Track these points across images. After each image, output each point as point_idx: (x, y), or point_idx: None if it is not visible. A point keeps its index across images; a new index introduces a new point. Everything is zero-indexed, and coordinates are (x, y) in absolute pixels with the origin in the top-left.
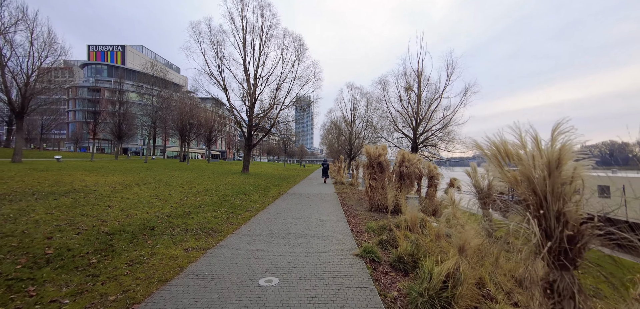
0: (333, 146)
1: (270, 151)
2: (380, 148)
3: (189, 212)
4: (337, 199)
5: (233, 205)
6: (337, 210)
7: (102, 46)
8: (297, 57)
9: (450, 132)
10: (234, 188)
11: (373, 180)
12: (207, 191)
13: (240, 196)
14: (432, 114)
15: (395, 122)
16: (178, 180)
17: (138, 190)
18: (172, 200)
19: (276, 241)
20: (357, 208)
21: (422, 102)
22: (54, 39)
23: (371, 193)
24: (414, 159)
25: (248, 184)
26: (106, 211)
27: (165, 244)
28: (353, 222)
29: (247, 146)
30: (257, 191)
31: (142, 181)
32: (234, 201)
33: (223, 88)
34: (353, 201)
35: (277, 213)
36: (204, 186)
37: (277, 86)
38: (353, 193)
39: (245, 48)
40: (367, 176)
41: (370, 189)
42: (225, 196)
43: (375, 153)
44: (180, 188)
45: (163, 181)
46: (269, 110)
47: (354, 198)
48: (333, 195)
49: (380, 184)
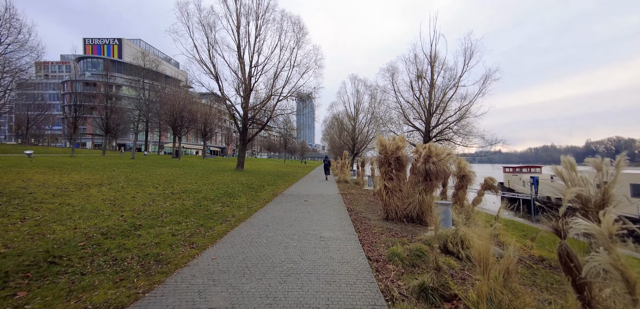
0: (335, 142)
1: (270, 147)
2: (398, 140)
3: (139, 225)
4: (342, 202)
5: (208, 214)
6: (343, 220)
7: (98, 39)
8: (297, 42)
9: (467, 124)
10: (220, 189)
11: (389, 180)
12: (184, 193)
13: (223, 200)
14: (446, 104)
15: (405, 114)
16: (156, 178)
17: (93, 192)
18: (129, 206)
19: (248, 287)
20: (368, 215)
21: (436, 91)
22: (13, 14)
23: (387, 198)
24: (443, 153)
25: (239, 183)
26: (14, 226)
27: (43, 298)
28: (367, 240)
29: (242, 141)
30: (247, 192)
31: (108, 180)
32: (212, 207)
33: (214, 76)
34: (361, 205)
35: (263, 226)
36: (184, 186)
37: (275, 75)
38: (360, 195)
39: (240, 33)
40: (382, 175)
41: (386, 192)
42: (203, 200)
43: (392, 147)
44: (152, 189)
45: (136, 180)
46: (266, 102)
47: (362, 201)
48: (337, 197)
49: (398, 185)
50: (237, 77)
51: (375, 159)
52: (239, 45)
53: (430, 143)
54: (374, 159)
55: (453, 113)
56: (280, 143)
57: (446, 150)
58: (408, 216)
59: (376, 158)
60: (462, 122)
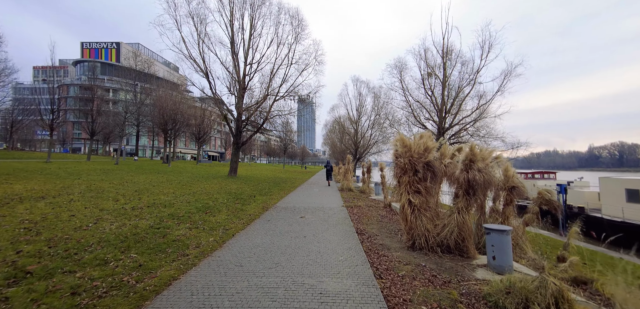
0: (336, 146)
1: (270, 152)
2: (426, 138)
3: (28, 273)
4: (348, 219)
5: (163, 243)
6: (352, 251)
7: (96, 43)
8: (295, 37)
9: (485, 125)
10: (199, 201)
11: (415, 193)
12: (149, 208)
13: (195, 218)
14: (462, 103)
15: (414, 114)
16: (126, 188)
17: (20, 209)
18: (53, 231)
19: None
20: (386, 240)
21: (450, 88)
22: None
23: (413, 218)
24: (488, 156)
25: (225, 193)
26: None
27: None
28: (396, 296)
29: (235, 144)
30: (231, 205)
31: (60, 191)
32: (173, 232)
33: (204, 72)
34: (373, 222)
35: (233, 268)
36: (156, 197)
37: (271, 72)
38: (369, 207)
39: (234, 27)
40: (404, 187)
41: (411, 210)
42: (167, 219)
43: (419, 148)
44: (109, 203)
45: (97, 191)
46: (262, 102)
47: (373, 217)
48: (340, 211)
49: (427, 201)
50: (230, 75)
51: (384, 165)
52: (232, 41)
53: (472, 143)
54: (383, 165)
55: (469, 112)
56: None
57: (492, 151)
58: (442, 243)
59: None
60: (479, 123)
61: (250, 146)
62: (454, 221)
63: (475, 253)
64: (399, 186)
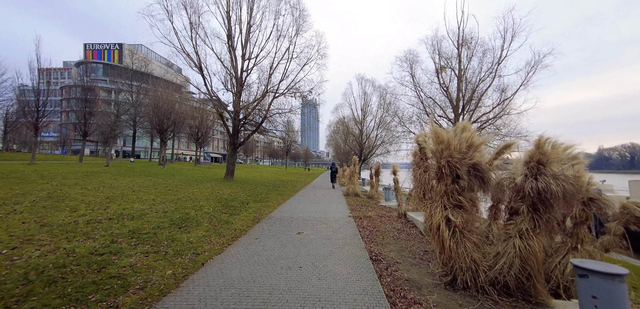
0: (340, 148)
1: (272, 154)
2: (470, 131)
3: None
4: (357, 236)
5: (87, 286)
6: (368, 296)
7: (98, 44)
8: (297, 29)
9: (507, 122)
10: (177, 213)
11: (456, 208)
12: (107, 223)
13: (158, 238)
14: (480, 98)
15: (426, 111)
16: (99, 194)
17: None
18: None
19: None
20: (411, 272)
21: (467, 82)
22: None
23: (453, 243)
24: (563, 156)
25: (213, 200)
26: None
27: None
28: None
29: (232, 144)
30: (215, 217)
31: (10, 199)
32: (117, 263)
33: (198, 67)
34: (390, 241)
35: None
36: (126, 207)
37: (270, 67)
38: (380, 217)
39: (231, 20)
40: (441, 198)
41: (450, 232)
42: (123, 239)
43: (460, 145)
44: (66, 213)
45: (59, 198)
46: (261, 99)
47: (389, 233)
48: (347, 224)
49: (471, 219)
50: (227, 71)
51: (397, 167)
52: (229, 34)
53: (542, 138)
54: (396, 167)
55: (490, 108)
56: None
57: (567, 147)
58: (497, 281)
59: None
60: (500, 120)
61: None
62: (514, 250)
63: (547, 297)
64: (422, 197)
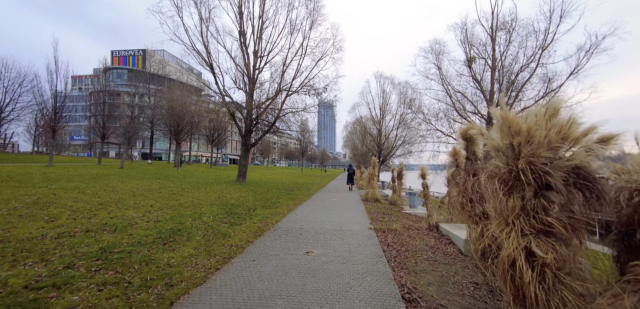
0: (357, 149)
1: (289, 155)
2: (565, 121)
3: None
4: (382, 260)
5: None
6: None
7: (124, 51)
8: (312, 22)
9: None
10: (171, 222)
11: (542, 234)
12: (81, 236)
13: (131, 260)
14: (519, 91)
15: (455, 107)
16: (96, 198)
17: None
18: None
19: None
20: None
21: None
22: None
23: (541, 291)
24: None
25: (217, 206)
26: None
27: None
28: None
29: (245, 145)
30: (212, 228)
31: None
32: (55, 302)
33: (209, 65)
34: (425, 267)
35: None
36: (117, 214)
37: (283, 64)
38: (408, 231)
39: (243, 16)
40: (516, 218)
41: (536, 273)
42: (83, 261)
43: (550, 137)
44: (40, 223)
45: (45, 204)
46: (275, 97)
47: (421, 253)
48: (368, 240)
49: (569, 254)
50: (239, 69)
51: (426, 169)
52: (241, 31)
53: None
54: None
55: (532, 102)
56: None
57: None
58: None
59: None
60: None
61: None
62: None
63: None
64: (467, 209)
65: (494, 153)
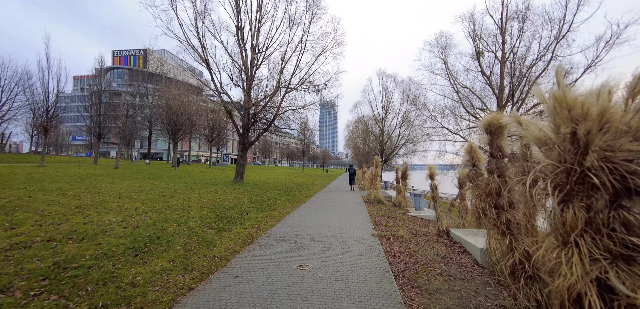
0: (359, 148)
1: (290, 155)
2: None
3: None
4: (389, 275)
5: None
6: None
7: (125, 51)
8: (311, 16)
9: None
10: (151, 228)
11: (623, 260)
12: (38, 247)
13: (87, 280)
14: (532, 84)
15: (463, 103)
16: (76, 201)
17: None
18: None
19: None
20: None
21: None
22: None
23: None
24: None
25: (208, 209)
26: None
27: None
28: None
29: (242, 144)
30: (197, 235)
31: None
32: None
33: (205, 61)
34: (438, 283)
35: None
36: (93, 219)
37: (282, 60)
38: (415, 237)
39: (240, 10)
40: (579, 235)
41: None
42: (21, 285)
43: (632, 123)
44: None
45: (13, 208)
46: (274, 94)
47: (432, 264)
48: (371, 249)
49: None
50: (235, 65)
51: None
52: (238, 26)
53: None
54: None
55: None
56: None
57: None
58: None
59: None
60: None
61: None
62: None
63: None
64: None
65: (540, 148)
